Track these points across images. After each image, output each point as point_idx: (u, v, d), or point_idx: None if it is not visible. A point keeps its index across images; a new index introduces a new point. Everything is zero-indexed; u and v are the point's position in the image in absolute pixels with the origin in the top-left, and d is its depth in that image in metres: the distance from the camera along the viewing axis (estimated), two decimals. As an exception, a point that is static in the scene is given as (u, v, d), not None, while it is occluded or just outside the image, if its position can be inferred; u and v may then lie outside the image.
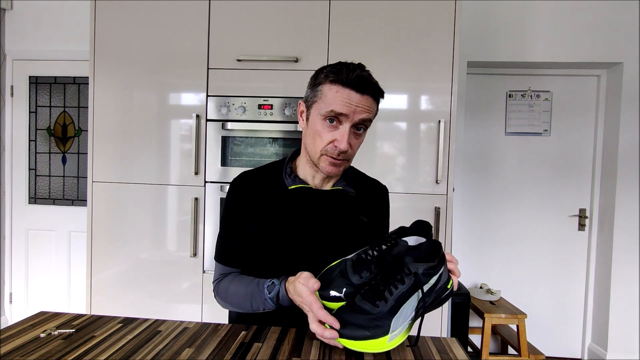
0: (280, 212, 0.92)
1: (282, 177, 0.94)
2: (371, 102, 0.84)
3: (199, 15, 1.84)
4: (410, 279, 0.68)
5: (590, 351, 2.60)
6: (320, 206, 0.93)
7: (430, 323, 1.80)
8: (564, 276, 2.67)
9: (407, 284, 0.68)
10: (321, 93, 0.85)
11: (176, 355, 0.70)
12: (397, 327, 0.68)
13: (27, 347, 0.71)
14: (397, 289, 0.68)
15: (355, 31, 1.80)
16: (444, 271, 0.73)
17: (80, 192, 2.64)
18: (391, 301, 0.68)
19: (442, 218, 1.79)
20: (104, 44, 1.89)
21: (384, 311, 0.68)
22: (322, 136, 0.85)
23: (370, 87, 0.83)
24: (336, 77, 0.82)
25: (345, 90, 0.82)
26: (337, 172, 0.89)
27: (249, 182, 0.96)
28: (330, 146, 0.85)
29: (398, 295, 0.68)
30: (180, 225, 1.88)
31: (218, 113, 1.84)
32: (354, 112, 0.82)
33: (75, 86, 2.62)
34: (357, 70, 0.83)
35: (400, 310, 0.68)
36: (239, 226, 0.94)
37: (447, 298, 0.76)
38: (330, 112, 0.83)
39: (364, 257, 0.77)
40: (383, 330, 0.67)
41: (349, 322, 0.68)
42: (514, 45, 2.46)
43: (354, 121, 0.83)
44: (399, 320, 0.68)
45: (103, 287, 1.91)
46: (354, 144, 0.87)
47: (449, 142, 1.79)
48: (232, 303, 0.92)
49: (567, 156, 2.65)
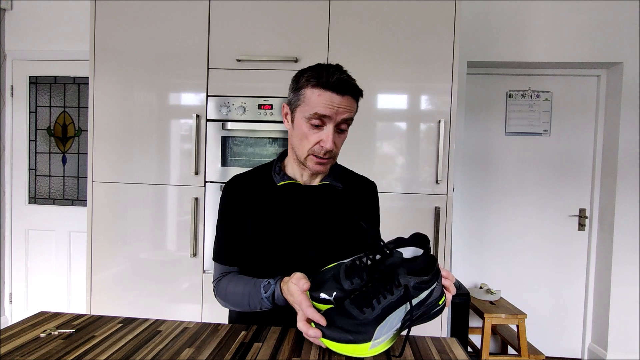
0: (270, 208, 0.96)
1: (272, 175, 0.99)
2: (351, 102, 0.89)
3: (199, 15, 1.84)
4: (399, 290, 0.69)
5: (590, 351, 2.60)
6: (309, 201, 0.96)
7: (430, 323, 1.80)
8: (564, 276, 2.66)
9: (396, 295, 0.69)
10: (304, 97, 0.88)
11: (176, 355, 0.70)
12: (380, 336, 0.69)
13: (27, 347, 0.71)
14: (385, 298, 0.69)
15: (355, 31, 1.80)
16: (437, 286, 0.73)
17: (80, 192, 2.64)
18: (378, 310, 0.69)
19: (442, 218, 1.79)
20: (104, 44, 1.89)
21: (369, 318, 0.68)
22: (309, 138, 0.89)
23: (350, 88, 0.87)
24: (317, 81, 0.86)
25: (326, 93, 0.85)
26: (324, 170, 0.94)
27: (241, 183, 1.00)
28: (316, 147, 0.89)
29: (386, 305, 0.69)
30: (180, 225, 1.88)
31: (218, 113, 1.84)
32: (336, 113, 0.86)
33: (75, 86, 2.62)
34: (336, 73, 0.86)
35: (386, 320, 0.69)
36: (234, 226, 0.97)
37: (437, 314, 0.75)
38: (314, 115, 0.86)
39: (357, 264, 0.77)
40: (366, 336, 0.68)
41: (335, 325, 0.69)
42: (514, 45, 2.46)
43: (337, 121, 0.87)
44: (383, 330, 0.69)
45: (103, 287, 1.91)
46: (338, 142, 0.91)
47: (449, 142, 1.79)
48: (231, 302, 0.94)
49: (567, 156, 2.65)
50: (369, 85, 1.82)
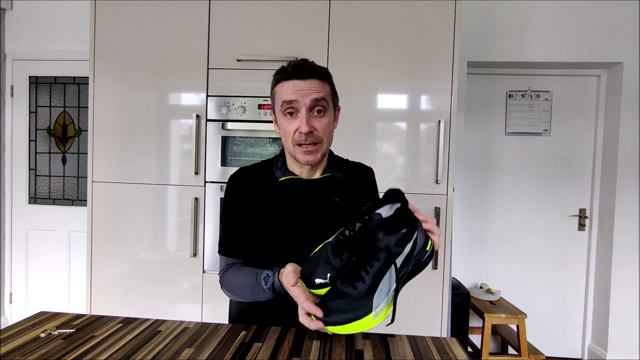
0: (272, 203, 0.97)
1: (274, 171, 1.00)
2: (319, 83, 0.90)
3: (199, 15, 1.84)
4: (382, 254, 0.68)
5: (590, 351, 2.60)
6: (311, 195, 0.97)
7: (430, 323, 1.81)
8: (564, 276, 2.66)
9: (381, 259, 0.68)
10: (275, 94, 0.93)
11: (176, 355, 0.70)
12: (379, 303, 0.69)
13: (27, 347, 0.71)
14: (372, 266, 0.68)
15: (355, 31, 1.80)
16: (419, 235, 0.71)
17: (80, 192, 2.64)
18: (368, 280, 0.68)
19: (442, 218, 1.79)
20: (104, 44, 1.89)
21: (363, 291, 0.68)
22: (287, 129, 0.91)
23: (309, 71, 0.89)
24: (279, 75, 0.91)
25: (290, 82, 0.89)
26: (314, 159, 0.93)
27: (245, 176, 1.01)
28: (296, 135, 0.90)
29: (375, 272, 0.68)
30: (180, 225, 1.88)
31: (218, 113, 1.84)
32: (302, 96, 0.88)
33: (75, 86, 2.62)
34: (292, 62, 0.91)
35: (380, 286, 0.68)
36: (238, 218, 0.98)
37: (428, 260, 0.75)
38: (284, 104, 0.89)
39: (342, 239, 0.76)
40: (366, 309, 0.68)
41: (332, 309, 0.69)
42: (514, 45, 2.46)
43: (307, 105, 0.88)
44: (380, 296, 0.69)
45: (103, 287, 1.91)
46: (319, 126, 0.90)
47: (449, 142, 1.79)
48: (237, 294, 0.95)
49: (567, 156, 2.65)
50: (369, 85, 1.82)
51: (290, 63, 0.90)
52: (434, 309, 1.80)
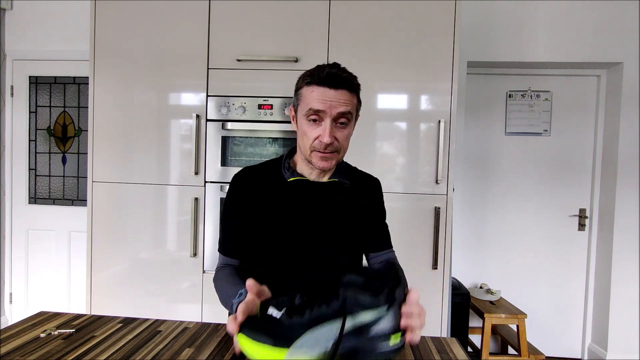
0: (280, 204, 0.97)
1: (281, 171, 1.00)
2: (348, 96, 0.89)
3: (199, 15, 1.84)
4: (337, 302, 0.60)
5: (590, 351, 2.60)
6: (318, 197, 0.98)
7: (430, 323, 1.80)
8: (564, 276, 2.66)
9: (332, 307, 0.60)
10: (301, 96, 0.92)
11: (176, 355, 0.70)
12: (303, 346, 0.59)
13: (27, 347, 0.71)
14: (320, 307, 0.61)
15: (355, 31, 1.80)
16: (391, 316, 0.61)
17: (80, 192, 2.64)
18: (308, 316, 0.60)
19: (442, 218, 1.79)
20: (104, 44, 1.88)
21: (296, 323, 0.60)
22: (308, 134, 0.91)
23: (342, 82, 0.88)
24: (311, 78, 0.89)
25: (320, 89, 0.88)
26: (329, 166, 0.93)
27: (250, 176, 1.01)
28: (316, 142, 0.90)
29: (318, 314, 0.60)
30: (180, 225, 1.88)
31: (218, 113, 1.84)
32: (330, 107, 0.87)
33: (75, 86, 2.62)
34: (327, 68, 0.88)
35: (315, 329, 0.60)
36: (240, 218, 0.99)
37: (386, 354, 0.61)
38: (310, 111, 0.88)
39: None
40: (286, 342, 0.59)
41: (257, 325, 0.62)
42: (514, 45, 2.46)
43: (333, 115, 0.88)
44: (309, 341, 0.59)
45: (103, 287, 1.91)
46: (340, 137, 0.91)
47: (449, 142, 1.78)
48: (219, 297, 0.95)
49: (567, 156, 2.65)
50: (369, 85, 1.82)
51: (325, 68, 0.88)
52: (434, 309, 1.80)
